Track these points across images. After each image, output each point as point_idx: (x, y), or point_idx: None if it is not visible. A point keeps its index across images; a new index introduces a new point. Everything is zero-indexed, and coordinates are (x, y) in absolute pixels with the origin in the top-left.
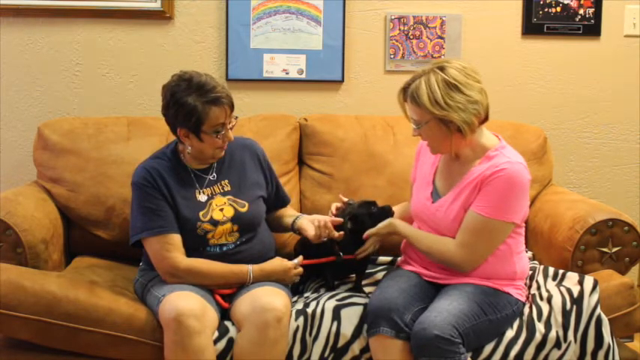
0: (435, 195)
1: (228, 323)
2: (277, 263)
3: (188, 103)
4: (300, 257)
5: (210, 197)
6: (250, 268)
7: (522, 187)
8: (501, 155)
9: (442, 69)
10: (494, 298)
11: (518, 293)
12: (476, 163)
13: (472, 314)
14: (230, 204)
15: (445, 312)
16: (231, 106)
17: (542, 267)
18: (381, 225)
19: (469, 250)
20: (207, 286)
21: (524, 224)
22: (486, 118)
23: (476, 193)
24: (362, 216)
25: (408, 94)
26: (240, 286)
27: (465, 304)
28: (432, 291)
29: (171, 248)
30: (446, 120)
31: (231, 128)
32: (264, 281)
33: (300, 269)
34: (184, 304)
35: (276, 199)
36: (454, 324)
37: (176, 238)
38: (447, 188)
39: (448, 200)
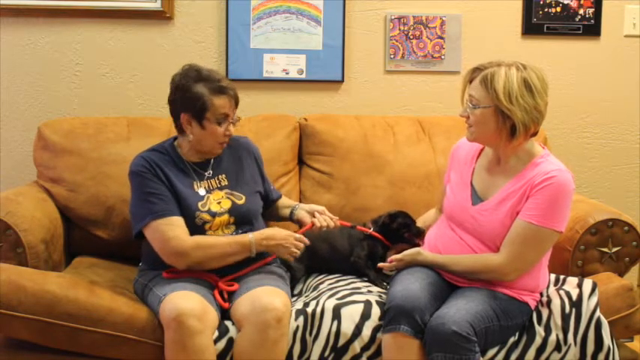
0: (475, 197)
1: (228, 323)
2: (277, 228)
3: (195, 89)
4: (300, 235)
5: (208, 191)
6: (251, 235)
7: (569, 196)
8: (548, 162)
9: (525, 67)
10: (509, 305)
11: (534, 304)
12: (522, 169)
13: (487, 317)
14: (227, 197)
15: (463, 310)
16: (236, 101)
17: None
18: (407, 252)
19: (519, 260)
20: (216, 262)
21: None
22: (536, 133)
23: (524, 200)
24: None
25: (480, 74)
26: (240, 283)
27: (481, 305)
28: (448, 291)
29: (176, 229)
30: (506, 114)
31: (233, 123)
32: (266, 246)
33: (304, 240)
34: (185, 304)
35: (271, 195)
36: (471, 322)
37: (180, 221)
38: (489, 192)
39: (492, 204)
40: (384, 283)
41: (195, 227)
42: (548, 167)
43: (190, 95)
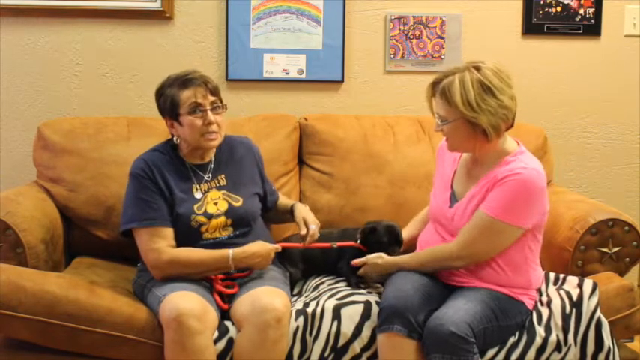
0: (453, 199)
1: (228, 323)
2: (260, 245)
3: (166, 92)
4: (279, 246)
5: (206, 191)
6: (231, 252)
7: (533, 193)
8: (518, 161)
9: (478, 69)
10: (508, 305)
11: (531, 303)
12: (492, 168)
13: (485, 317)
14: (224, 198)
15: (462, 310)
16: (209, 88)
17: (543, 273)
18: (370, 256)
19: (469, 247)
20: (194, 275)
21: (541, 236)
22: (512, 125)
23: (487, 195)
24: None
25: (438, 88)
26: (240, 284)
27: (479, 305)
28: (444, 292)
29: (158, 241)
30: (473, 122)
31: (213, 110)
32: (246, 263)
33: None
34: (185, 304)
35: (270, 197)
36: (470, 323)
37: (166, 232)
38: (464, 193)
39: (463, 205)
40: (362, 285)
41: (191, 230)
42: (515, 165)
43: (163, 99)
